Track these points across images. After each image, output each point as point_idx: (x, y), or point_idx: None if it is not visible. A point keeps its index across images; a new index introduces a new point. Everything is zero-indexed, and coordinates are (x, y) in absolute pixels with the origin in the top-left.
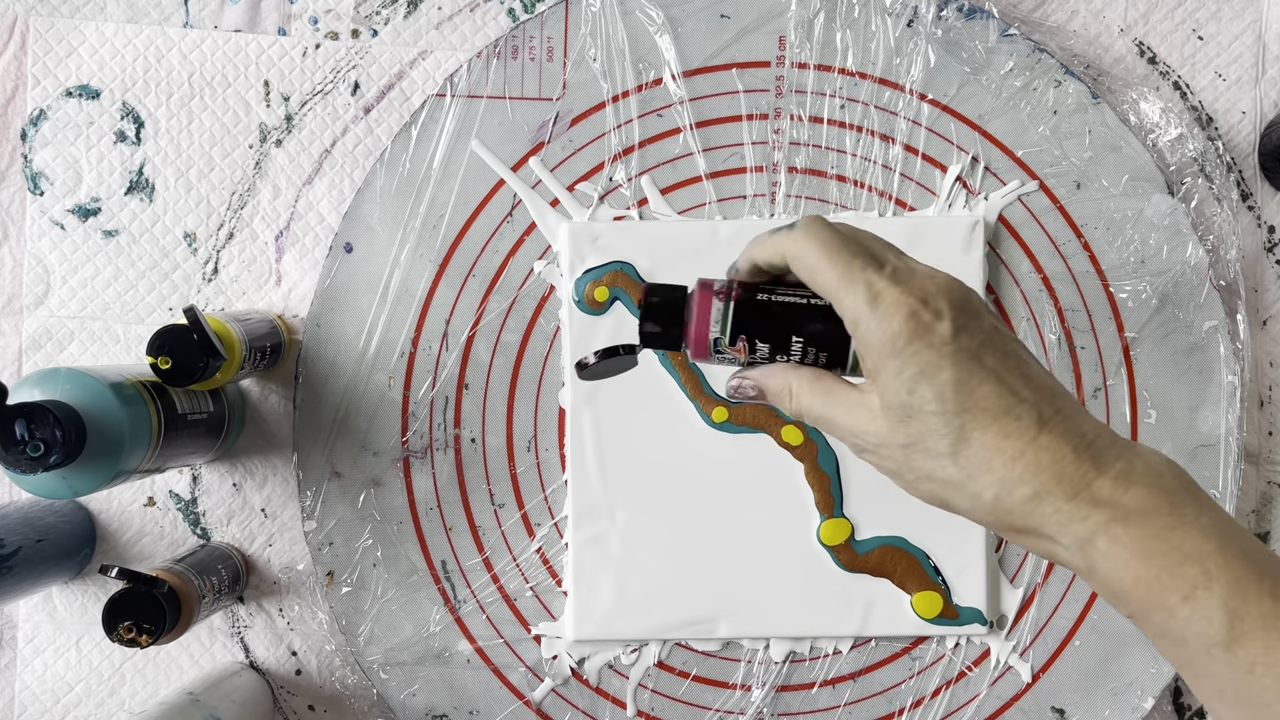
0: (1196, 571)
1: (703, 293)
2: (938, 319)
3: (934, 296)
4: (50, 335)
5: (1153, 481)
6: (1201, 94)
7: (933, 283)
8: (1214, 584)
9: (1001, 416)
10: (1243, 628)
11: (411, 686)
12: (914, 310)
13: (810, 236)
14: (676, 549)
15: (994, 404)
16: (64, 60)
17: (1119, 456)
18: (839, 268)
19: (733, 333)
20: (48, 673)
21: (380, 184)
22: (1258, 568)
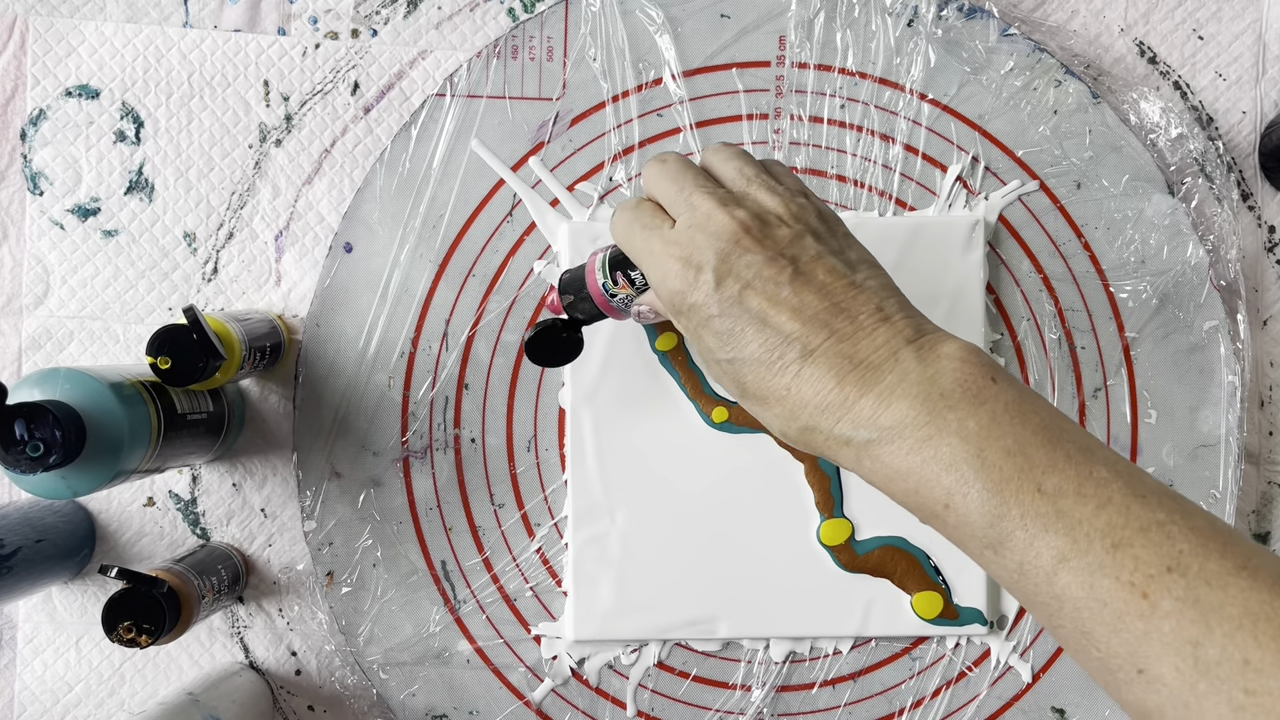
0: (954, 479)
1: (590, 256)
2: (700, 273)
3: (699, 250)
4: (50, 335)
5: (919, 392)
6: (1202, 94)
7: (701, 234)
8: (970, 489)
9: (765, 359)
10: (1004, 528)
11: (411, 686)
12: (680, 271)
13: (615, 224)
14: (676, 549)
15: (758, 348)
16: (63, 60)
17: (892, 369)
18: (633, 244)
19: (610, 274)
20: (47, 673)
21: (380, 184)
22: (1027, 460)
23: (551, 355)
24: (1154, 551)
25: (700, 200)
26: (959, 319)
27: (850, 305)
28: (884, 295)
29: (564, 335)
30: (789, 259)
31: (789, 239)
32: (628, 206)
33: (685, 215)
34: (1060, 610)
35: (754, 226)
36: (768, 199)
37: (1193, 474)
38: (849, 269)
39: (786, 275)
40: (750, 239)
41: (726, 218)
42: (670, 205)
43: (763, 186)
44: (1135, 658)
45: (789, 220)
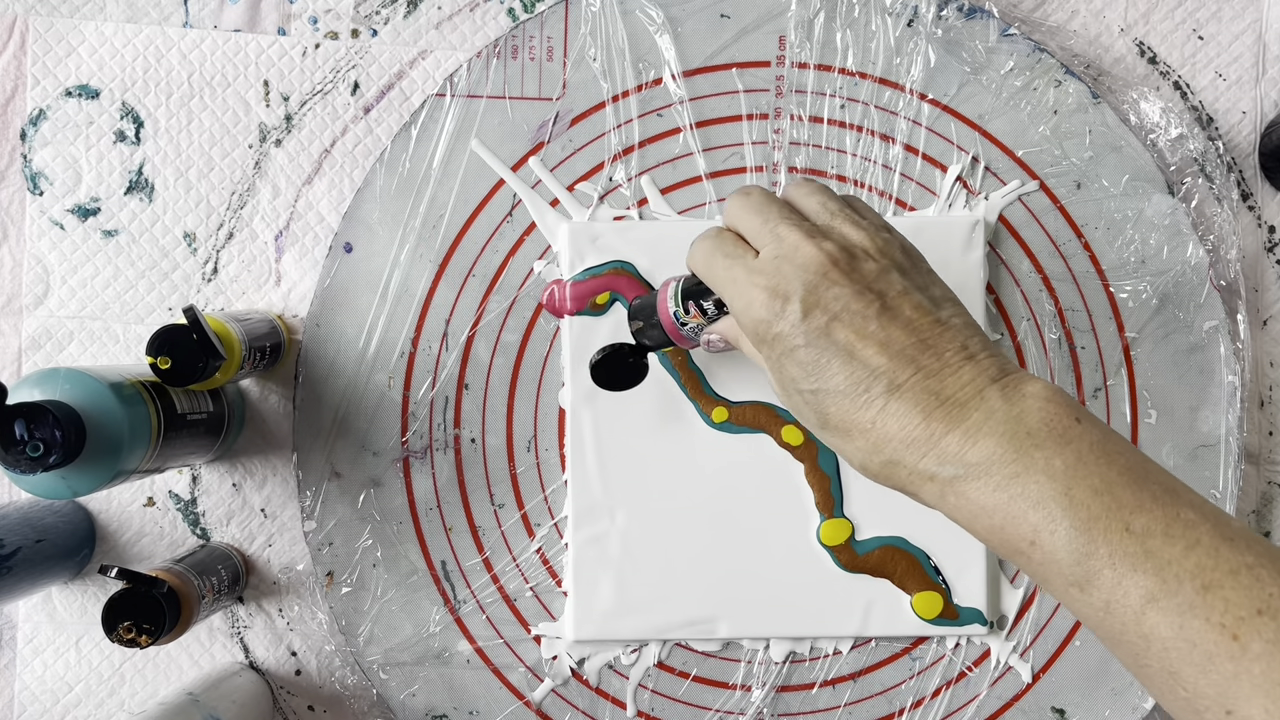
0: (1040, 516)
1: (664, 283)
2: (786, 303)
3: (786, 280)
4: (50, 335)
5: (1005, 430)
6: (1202, 94)
7: (789, 264)
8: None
9: (851, 392)
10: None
11: (411, 687)
12: (766, 301)
13: (694, 253)
14: (676, 549)
15: (843, 381)
16: (63, 60)
17: (978, 407)
18: (715, 273)
19: (683, 303)
20: (47, 673)
21: (380, 184)
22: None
23: (615, 379)
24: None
25: (786, 232)
26: None
27: (936, 342)
28: (968, 333)
29: (630, 360)
30: (876, 293)
31: (876, 273)
32: (708, 236)
33: (771, 246)
34: (1147, 650)
35: (841, 259)
36: (853, 233)
37: (1193, 474)
38: (934, 305)
39: (874, 309)
40: (838, 271)
41: (814, 249)
42: (754, 236)
43: (847, 220)
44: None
45: (875, 255)
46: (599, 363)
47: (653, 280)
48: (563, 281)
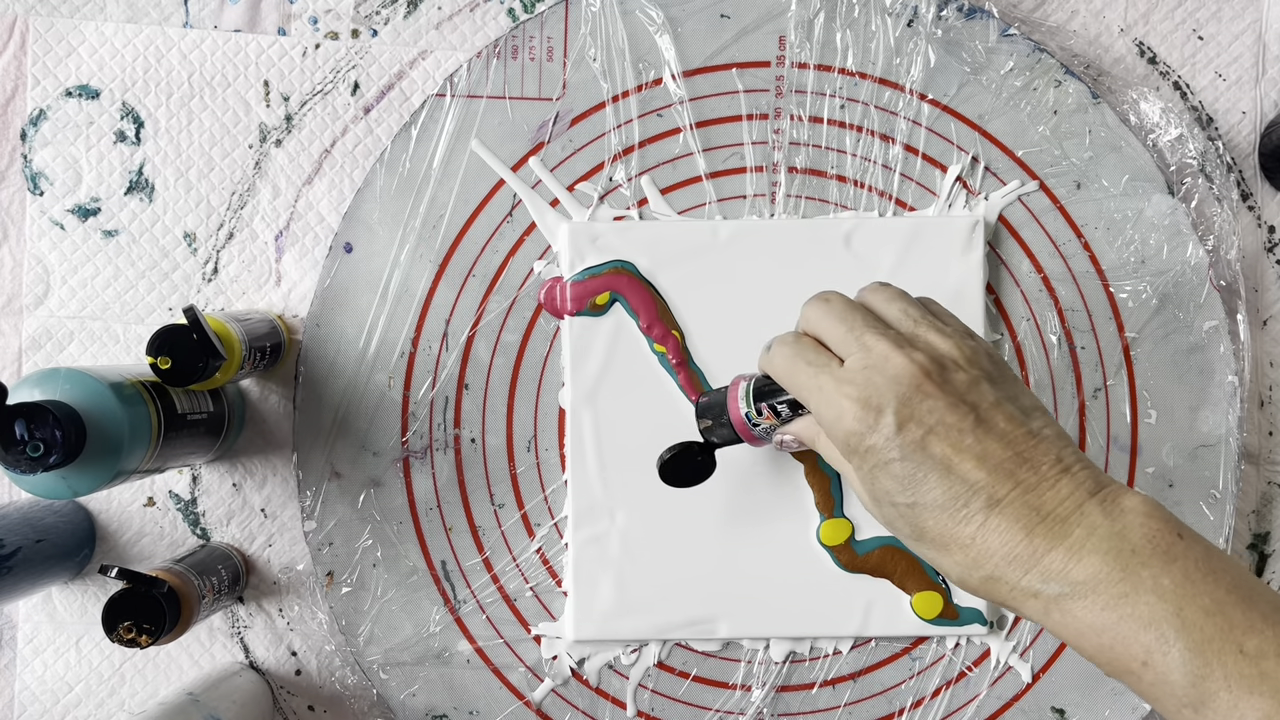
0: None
1: (734, 382)
2: (880, 416)
3: (878, 392)
4: (50, 335)
5: (1109, 547)
6: (1201, 94)
7: (880, 375)
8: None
9: (950, 506)
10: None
11: (411, 686)
12: (858, 413)
13: (774, 358)
14: (676, 549)
15: (941, 495)
16: (64, 60)
17: (1079, 522)
18: (798, 379)
19: (755, 404)
20: (47, 673)
21: (380, 184)
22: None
23: (683, 477)
24: None
25: (874, 341)
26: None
27: (1032, 455)
28: (1061, 444)
29: (699, 458)
30: (970, 405)
31: (967, 384)
32: (786, 341)
33: (858, 355)
34: None
35: (933, 370)
36: (940, 342)
37: (1193, 474)
38: (1025, 416)
39: (969, 422)
40: (930, 383)
41: (905, 360)
42: (838, 344)
43: (931, 328)
44: None
45: (965, 365)
46: (669, 462)
47: (653, 280)
48: (561, 279)
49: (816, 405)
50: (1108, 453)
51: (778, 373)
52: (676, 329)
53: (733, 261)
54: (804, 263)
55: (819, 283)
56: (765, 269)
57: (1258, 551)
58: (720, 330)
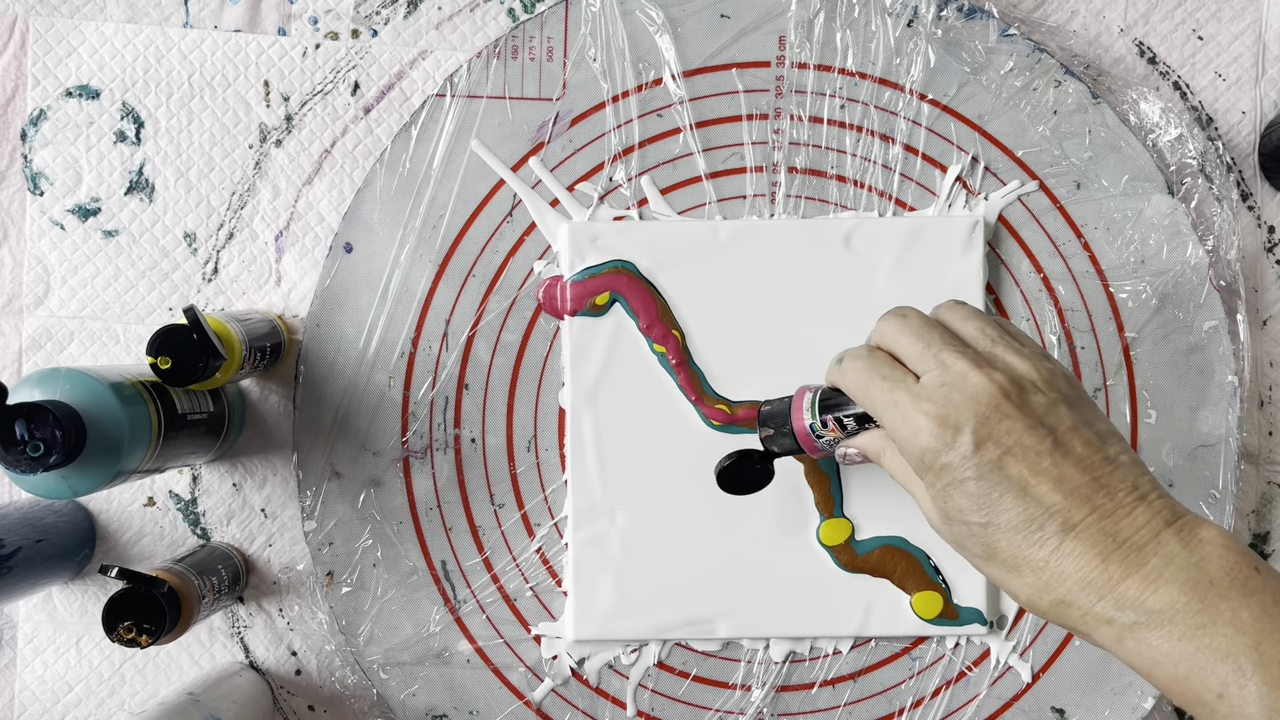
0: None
1: (799, 393)
2: (958, 434)
3: (957, 410)
4: (50, 335)
5: (1187, 577)
6: (1201, 94)
7: (959, 393)
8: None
9: (1024, 528)
10: None
11: (411, 686)
12: (935, 430)
13: (846, 371)
14: (676, 549)
15: (1016, 516)
16: (64, 60)
17: (1156, 551)
18: (872, 394)
19: (820, 416)
20: (47, 673)
21: (380, 184)
22: None
23: (741, 483)
24: None
25: (952, 359)
26: None
27: (1108, 481)
28: (1137, 472)
29: (758, 466)
30: (1048, 428)
31: (1045, 406)
32: (860, 355)
33: (936, 373)
34: None
35: (1012, 391)
36: (1018, 362)
37: (1192, 474)
38: (1101, 442)
39: (1047, 445)
40: (1009, 404)
41: (984, 379)
42: (914, 361)
43: (1009, 349)
44: None
45: (1043, 386)
46: (727, 469)
47: (654, 280)
48: (560, 278)
49: (891, 421)
50: None
51: (850, 386)
52: (677, 329)
53: (733, 261)
54: (804, 263)
55: (819, 283)
56: (765, 269)
57: (1257, 551)
58: (720, 330)
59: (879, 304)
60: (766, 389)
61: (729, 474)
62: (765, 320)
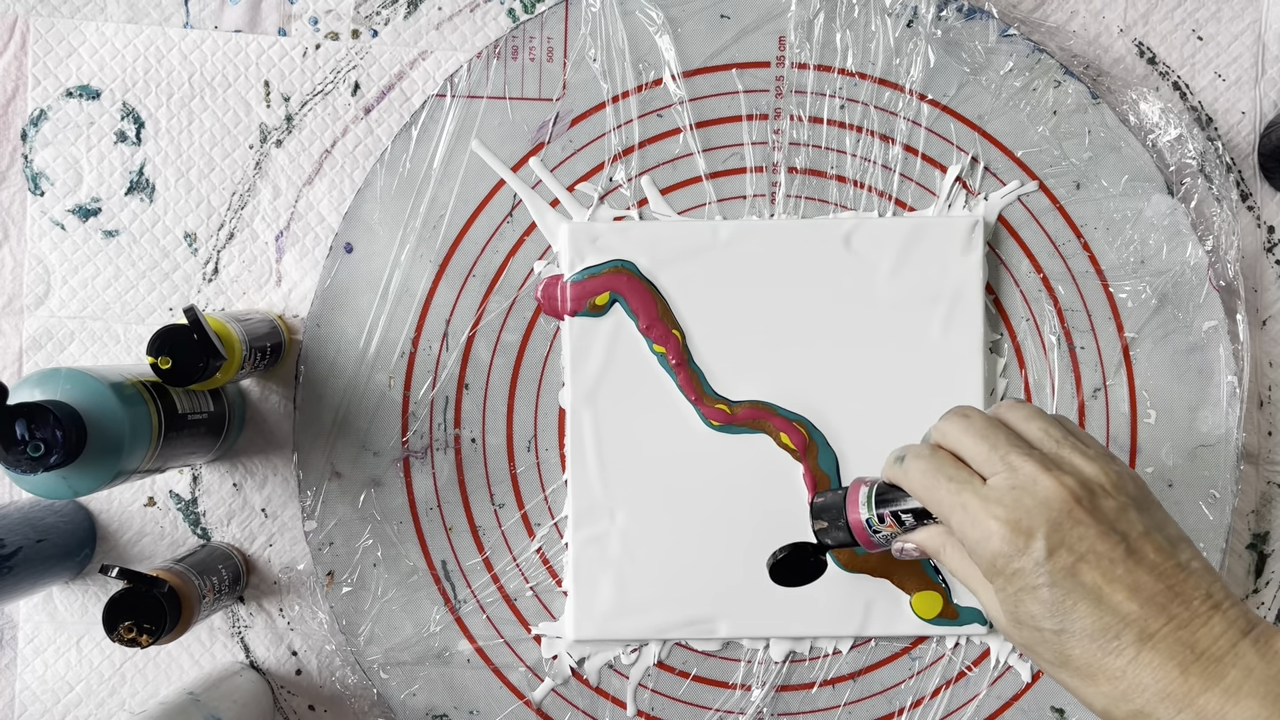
0: None
1: (854, 486)
2: (1030, 540)
3: (1028, 514)
4: (51, 335)
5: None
6: (1201, 94)
7: (1029, 497)
8: None
9: (1100, 636)
10: None
11: (411, 686)
12: (1006, 534)
13: (909, 471)
14: (676, 549)
15: (1091, 625)
16: (64, 60)
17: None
18: (938, 495)
19: (877, 510)
20: (48, 673)
21: (380, 184)
22: None
23: (794, 575)
24: None
25: (1020, 461)
26: (959, 319)
27: (1182, 589)
28: (1210, 579)
29: (811, 559)
30: (1120, 534)
31: (1116, 511)
32: (923, 455)
33: (1004, 475)
34: None
35: (1083, 496)
36: (1085, 465)
37: (1192, 474)
38: (1173, 547)
39: (1120, 552)
40: (1081, 509)
41: (1054, 484)
42: (980, 462)
43: (1074, 450)
44: None
45: (1112, 490)
46: (781, 562)
47: (654, 280)
48: (559, 277)
49: (959, 523)
50: None
51: (913, 486)
52: (677, 329)
53: (733, 261)
54: (804, 263)
55: (819, 282)
56: (765, 269)
57: (1257, 551)
58: (720, 330)
59: (879, 304)
60: (766, 389)
61: (782, 566)
62: (765, 320)
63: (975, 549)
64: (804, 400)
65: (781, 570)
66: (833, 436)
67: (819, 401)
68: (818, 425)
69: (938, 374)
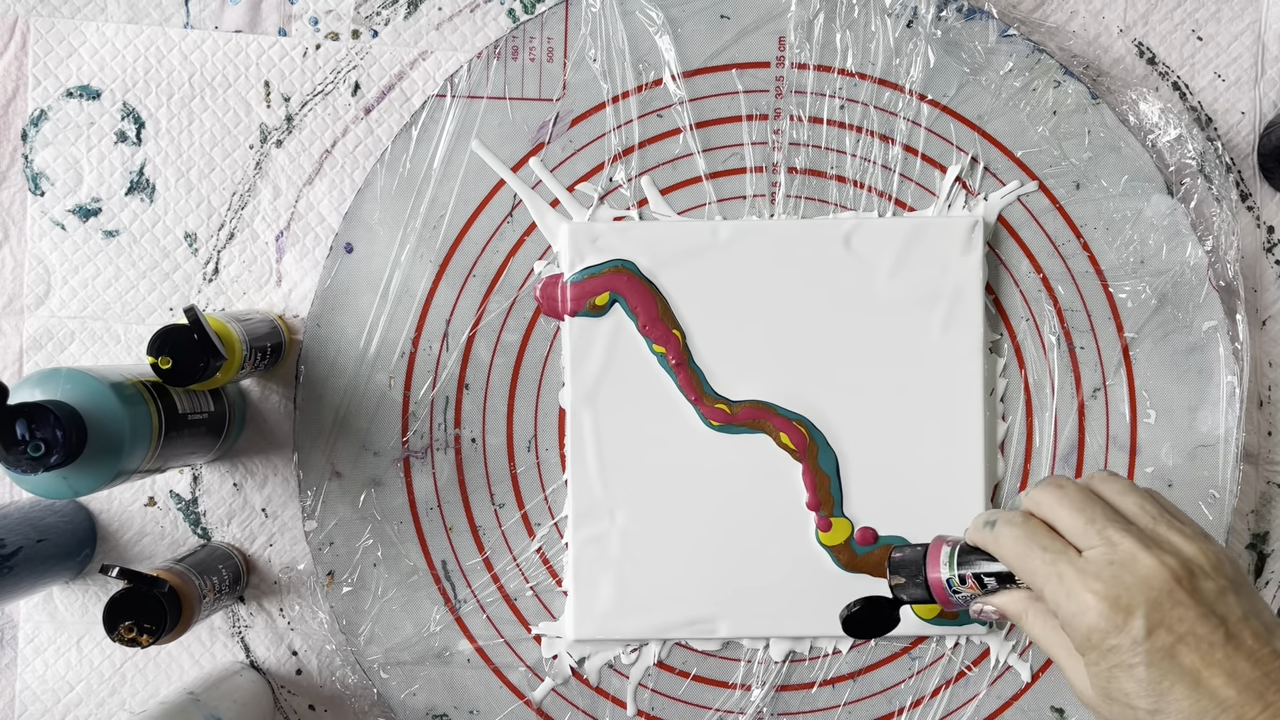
0: None
1: (935, 544)
2: (1129, 617)
3: (1128, 591)
4: (51, 335)
5: None
6: (1201, 94)
7: (1129, 574)
8: None
9: None
10: None
11: (412, 686)
12: (1104, 610)
13: (1001, 538)
14: (676, 549)
15: (1188, 708)
16: (65, 60)
17: None
18: (1031, 564)
19: (959, 572)
20: (48, 672)
21: (381, 184)
22: None
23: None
24: None
25: (1118, 536)
26: (959, 319)
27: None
28: None
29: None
30: (1219, 617)
31: (1216, 594)
32: (1015, 522)
33: (1102, 549)
34: None
35: (1183, 576)
36: (1185, 545)
37: (1191, 474)
38: (1269, 633)
39: (1219, 635)
40: (1182, 590)
41: (1155, 562)
42: (1075, 534)
43: (1172, 528)
44: None
45: (1211, 572)
46: (854, 615)
47: (654, 280)
48: (558, 277)
49: (1053, 593)
50: (1107, 452)
51: (1005, 553)
52: (677, 329)
53: (732, 262)
54: (804, 263)
55: (819, 282)
56: (765, 269)
57: (1256, 551)
58: (720, 330)
59: (879, 304)
60: (766, 389)
61: (855, 620)
62: (765, 320)
63: (1070, 621)
64: (804, 400)
65: (854, 623)
66: (833, 436)
67: (819, 401)
68: (818, 425)
69: (937, 374)
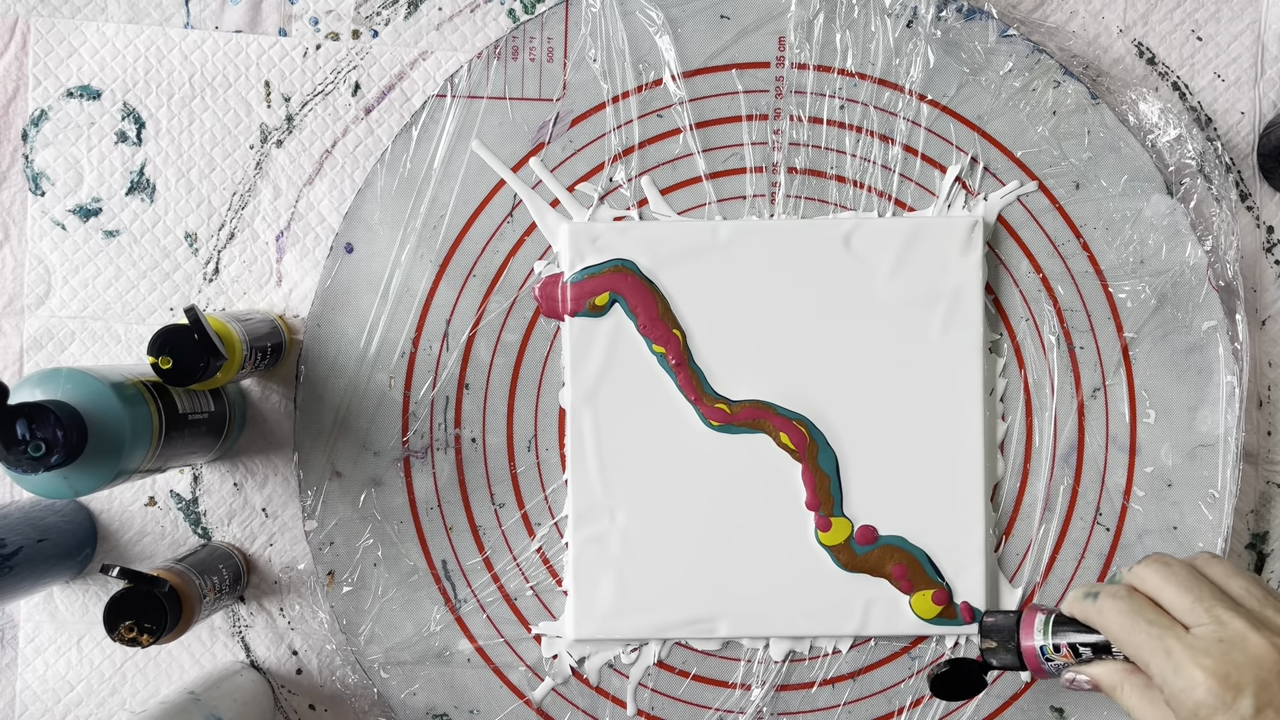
0: None
1: (1029, 612)
2: (1239, 695)
3: (1238, 670)
4: (51, 335)
5: None
6: (1200, 94)
7: (1240, 653)
8: None
9: None
10: None
11: (412, 686)
12: (1213, 687)
13: (1105, 611)
14: (676, 549)
15: None
16: (65, 61)
17: None
18: (1136, 638)
19: (1054, 640)
20: (49, 672)
21: (381, 184)
22: None
23: (954, 690)
24: None
25: (1228, 616)
26: (958, 319)
27: None
28: None
29: (972, 676)
30: None
31: None
32: (1120, 595)
33: (1211, 628)
34: None
35: None
36: None
37: (1191, 474)
38: None
39: None
40: None
41: (1265, 643)
42: (1182, 612)
43: (1278, 611)
44: None
45: None
46: (943, 677)
47: (654, 280)
48: (558, 276)
49: (1160, 668)
50: (1107, 452)
51: (1109, 626)
52: (677, 329)
53: (732, 262)
54: (804, 263)
55: (819, 282)
56: (765, 269)
57: (1256, 551)
58: (720, 330)
59: (878, 304)
60: (766, 389)
61: (942, 680)
62: (765, 320)
63: (1177, 696)
64: (804, 400)
65: (942, 684)
66: (832, 436)
67: (819, 401)
68: (818, 425)
69: (937, 374)
